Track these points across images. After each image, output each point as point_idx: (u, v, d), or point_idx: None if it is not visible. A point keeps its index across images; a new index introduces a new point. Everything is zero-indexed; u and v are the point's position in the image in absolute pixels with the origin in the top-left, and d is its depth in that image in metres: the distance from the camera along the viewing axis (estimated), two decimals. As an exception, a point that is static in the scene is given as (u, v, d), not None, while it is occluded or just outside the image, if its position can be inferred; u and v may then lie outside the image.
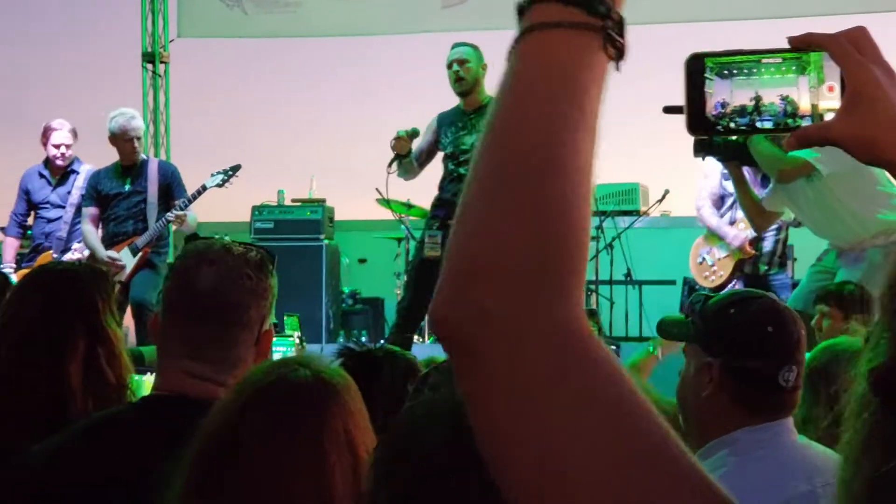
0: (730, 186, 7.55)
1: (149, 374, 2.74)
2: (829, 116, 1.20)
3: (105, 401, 2.42)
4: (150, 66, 12.86)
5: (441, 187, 7.15)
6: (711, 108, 1.22)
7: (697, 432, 2.53)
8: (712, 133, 1.24)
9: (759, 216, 6.24)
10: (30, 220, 8.17)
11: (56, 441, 2.15)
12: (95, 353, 2.50)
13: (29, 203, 8.06)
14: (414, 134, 6.98)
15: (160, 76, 12.86)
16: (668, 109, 1.33)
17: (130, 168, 7.62)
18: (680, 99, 1.23)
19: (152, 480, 1.91)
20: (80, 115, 10.65)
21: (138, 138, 7.64)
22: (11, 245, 8.18)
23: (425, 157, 7.19)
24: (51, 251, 7.91)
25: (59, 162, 7.96)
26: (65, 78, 13.61)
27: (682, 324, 2.66)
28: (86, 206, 7.71)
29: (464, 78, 6.89)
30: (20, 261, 8.15)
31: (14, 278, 7.85)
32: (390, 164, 7.13)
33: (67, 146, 7.98)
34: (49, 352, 2.46)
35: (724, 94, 1.21)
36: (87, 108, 11.04)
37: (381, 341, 7.16)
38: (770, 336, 2.49)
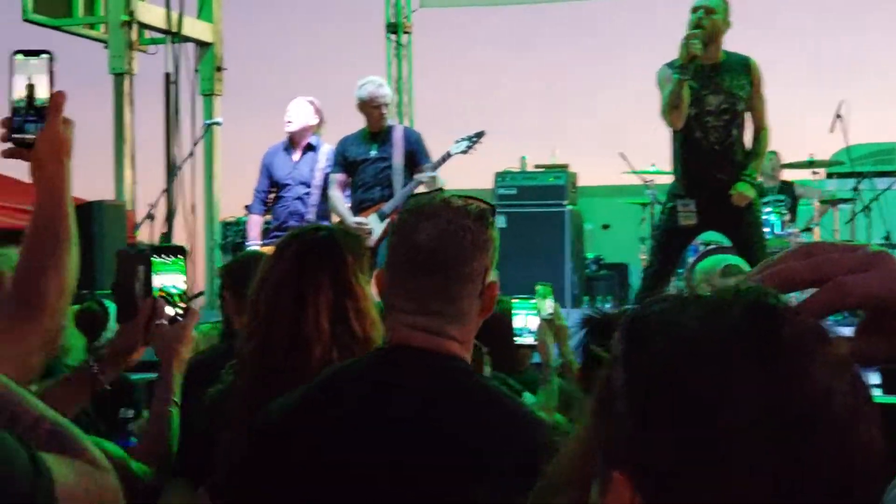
0: None
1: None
2: None
3: (350, 352, 2.47)
4: (393, 37, 13.07)
5: (680, 154, 6.63)
6: None
7: None
8: None
9: None
10: (271, 197, 8.28)
11: (293, 395, 2.21)
12: (344, 306, 2.56)
13: (271, 180, 8.20)
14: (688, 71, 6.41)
15: (403, 46, 13.06)
16: None
17: (377, 134, 7.70)
18: None
19: (385, 428, 2.03)
20: (325, 86, 10.92)
21: (386, 105, 7.72)
22: (256, 223, 8.32)
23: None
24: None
25: (287, 129, 8.04)
26: (310, 51, 13.99)
27: None
28: (333, 171, 7.81)
29: (705, 27, 6.41)
30: (265, 236, 8.31)
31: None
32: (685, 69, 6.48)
33: (296, 112, 8.05)
34: (297, 303, 2.54)
35: None
36: (333, 80, 11.31)
37: (626, 307, 7.05)
38: None
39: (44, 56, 2.13)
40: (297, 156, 8.10)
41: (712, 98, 6.42)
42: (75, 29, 11.21)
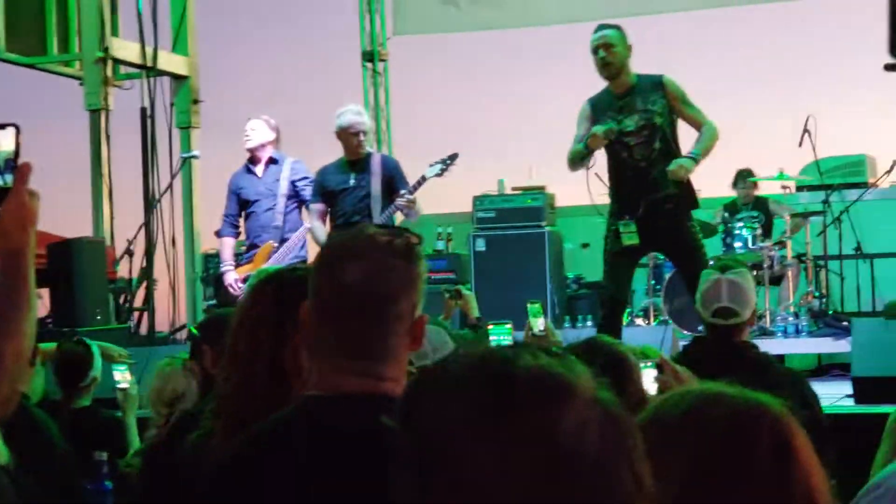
0: None
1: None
2: None
3: None
4: (369, 65, 13.18)
5: (612, 176, 6.91)
6: None
7: None
8: None
9: None
10: (241, 222, 8.35)
11: (226, 452, 2.18)
12: None
13: (240, 202, 8.26)
14: (608, 133, 6.80)
15: (379, 74, 13.17)
16: (889, 67, 1.30)
17: (355, 163, 7.77)
18: None
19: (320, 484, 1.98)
20: (303, 115, 11.01)
21: (365, 132, 7.80)
22: (228, 244, 8.36)
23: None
24: (271, 241, 8.10)
25: (246, 145, 8.17)
26: (286, 81, 14.07)
27: None
28: (313, 202, 7.88)
29: (611, 63, 6.71)
30: (238, 259, 8.39)
31: (234, 275, 8.15)
32: (593, 162, 6.97)
33: (252, 129, 8.19)
34: (276, 341, 2.52)
35: None
36: (309, 109, 11.41)
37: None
38: None
39: (10, 128, 2.16)
40: (260, 170, 8.21)
41: (629, 120, 6.70)
42: (50, 66, 11.28)
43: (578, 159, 6.80)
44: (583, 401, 1.12)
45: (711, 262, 5.29)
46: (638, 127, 6.68)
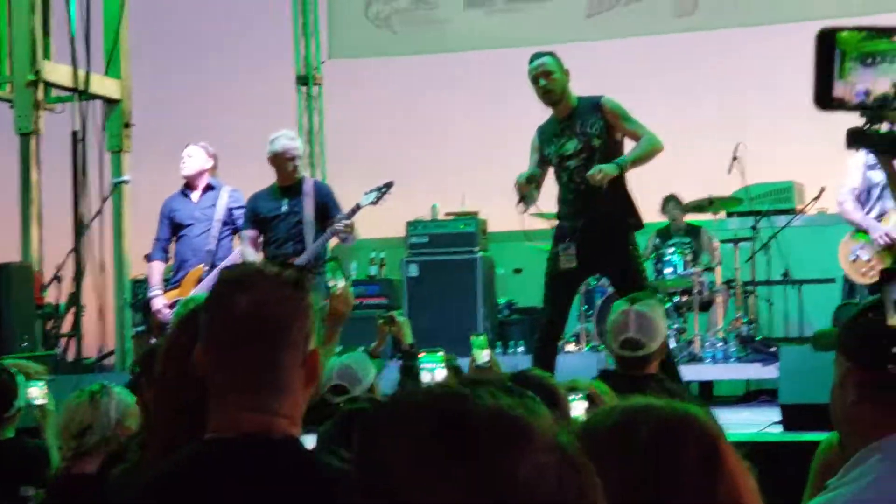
0: (875, 177, 7.42)
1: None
2: None
3: None
4: (304, 89, 13.16)
5: (559, 199, 6.95)
6: (853, 94, 1.19)
7: (849, 441, 2.52)
8: (837, 108, 1.20)
9: None
10: (172, 246, 8.31)
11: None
12: None
13: (173, 226, 8.22)
14: (532, 177, 6.86)
15: (314, 97, 13.16)
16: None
17: (288, 189, 7.73)
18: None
19: None
20: (236, 140, 10.96)
21: (298, 157, 7.78)
22: (158, 269, 8.30)
23: (541, 176, 7.06)
24: (201, 266, 8.06)
25: (183, 172, 8.17)
26: (220, 105, 14.00)
27: (830, 334, 2.66)
28: (244, 228, 7.85)
29: (552, 90, 6.77)
30: (167, 284, 8.34)
31: (163, 300, 8.10)
32: (518, 206, 7.04)
33: (190, 156, 8.18)
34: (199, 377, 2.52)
35: (867, 81, 1.18)
36: (243, 133, 11.36)
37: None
38: None
39: None
40: (196, 196, 8.20)
41: (569, 144, 6.76)
42: (-20, 89, 11.14)
43: (525, 201, 6.88)
44: (541, 445, 1.09)
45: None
46: (577, 150, 6.71)
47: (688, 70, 12.21)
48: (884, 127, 5.01)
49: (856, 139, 5.57)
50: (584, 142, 6.70)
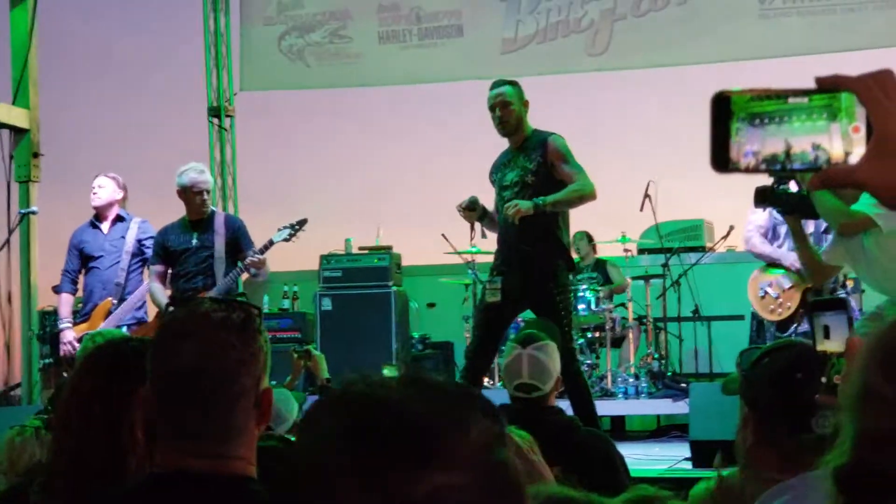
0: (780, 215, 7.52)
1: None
2: (853, 157, 1.19)
3: None
4: (215, 121, 13.07)
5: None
6: (741, 155, 1.21)
7: (749, 481, 2.56)
8: (733, 171, 1.23)
9: (817, 271, 6.14)
10: (81, 278, 8.22)
11: None
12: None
13: (82, 257, 8.12)
14: (471, 204, 6.85)
15: (226, 130, 13.06)
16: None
17: (198, 223, 7.64)
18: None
19: None
20: (147, 172, 10.85)
21: (207, 192, 7.69)
22: (67, 301, 8.20)
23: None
24: (110, 299, 7.98)
25: (94, 203, 8.10)
26: (131, 136, 13.85)
27: (737, 379, 2.74)
28: (153, 263, 7.74)
29: (507, 121, 6.76)
30: (76, 317, 8.23)
31: (72, 333, 7.98)
32: (473, 234, 7.04)
33: (101, 187, 8.12)
34: (111, 415, 2.44)
35: (755, 142, 1.20)
36: (154, 165, 11.24)
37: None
38: (799, 383, 2.46)
39: None
40: (106, 227, 8.13)
41: (510, 175, 6.79)
42: None
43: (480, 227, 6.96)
44: (453, 464, 1.02)
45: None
46: (513, 182, 6.73)
47: (601, 108, 12.36)
48: (792, 186, 5.11)
49: (763, 198, 5.64)
50: (521, 175, 6.71)
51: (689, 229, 10.85)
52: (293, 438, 4.03)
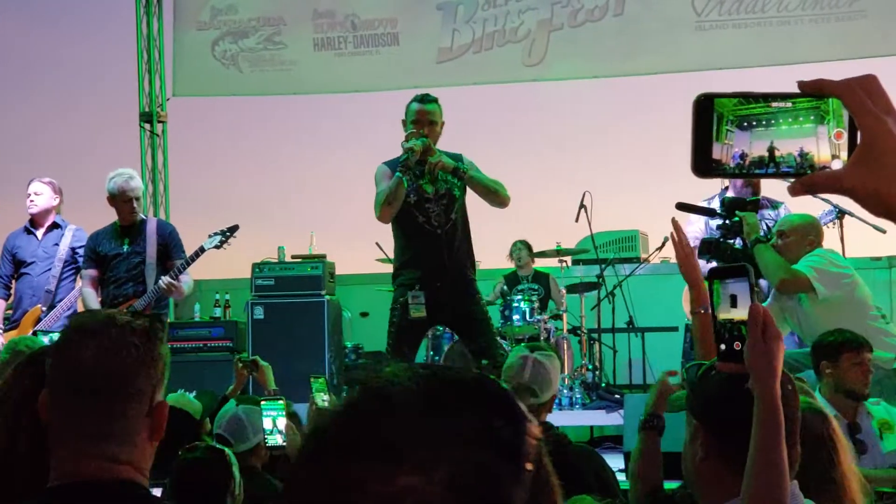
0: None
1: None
2: (836, 163, 1.18)
3: None
4: (147, 126, 12.91)
5: (404, 243, 6.74)
6: (729, 157, 1.20)
7: (698, 495, 2.53)
8: (714, 173, 1.22)
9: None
10: (14, 284, 8.15)
11: None
12: None
13: (15, 262, 8.04)
14: (425, 146, 6.48)
15: (158, 135, 12.91)
16: (680, 206, 1.29)
17: (129, 228, 7.60)
18: (685, 143, 1.21)
19: None
20: (78, 177, 10.67)
21: (137, 198, 7.61)
22: None
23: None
24: (39, 306, 7.89)
25: (31, 211, 8.02)
26: (61, 141, 13.64)
27: (682, 396, 2.70)
28: (85, 268, 7.68)
29: (432, 140, 6.46)
30: (5, 323, 8.12)
31: (2, 339, 7.85)
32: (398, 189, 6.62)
33: (37, 194, 8.04)
34: (39, 423, 2.46)
35: (743, 145, 1.19)
36: (86, 170, 11.07)
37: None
38: (750, 396, 2.43)
39: None
40: (41, 233, 8.05)
41: (429, 186, 6.62)
42: None
43: (394, 189, 6.39)
44: (409, 469, 0.97)
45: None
46: (438, 195, 6.60)
47: (536, 118, 12.35)
48: (737, 242, 5.17)
49: (708, 250, 5.69)
50: (446, 188, 6.60)
51: (624, 240, 10.88)
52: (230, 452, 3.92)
